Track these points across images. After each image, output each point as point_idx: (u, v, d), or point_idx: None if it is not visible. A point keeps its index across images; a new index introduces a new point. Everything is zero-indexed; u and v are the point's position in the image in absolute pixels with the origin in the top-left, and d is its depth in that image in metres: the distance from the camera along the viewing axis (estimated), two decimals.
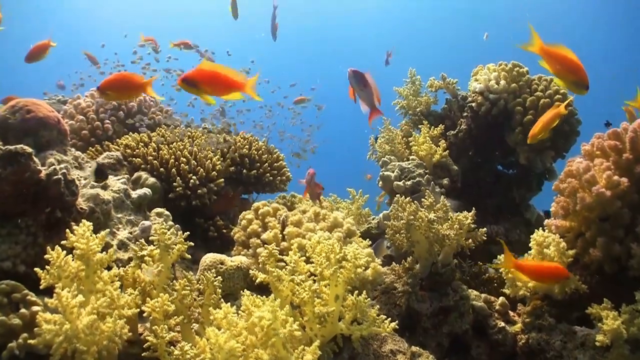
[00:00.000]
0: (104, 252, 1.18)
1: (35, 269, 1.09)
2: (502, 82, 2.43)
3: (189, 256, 1.30)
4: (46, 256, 1.08)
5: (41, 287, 1.07)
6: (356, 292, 1.22)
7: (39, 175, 1.24)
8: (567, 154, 2.47)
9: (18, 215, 1.25)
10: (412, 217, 1.85)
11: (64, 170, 1.30)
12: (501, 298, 2.05)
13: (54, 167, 1.27)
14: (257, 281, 1.22)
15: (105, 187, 1.71)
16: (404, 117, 2.94)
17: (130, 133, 2.33)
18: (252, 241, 1.58)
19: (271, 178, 2.29)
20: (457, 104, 2.77)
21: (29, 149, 1.21)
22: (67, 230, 1.13)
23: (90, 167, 1.77)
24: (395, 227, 1.90)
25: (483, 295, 2.08)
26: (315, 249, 1.32)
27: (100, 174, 1.54)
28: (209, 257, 1.44)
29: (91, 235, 1.12)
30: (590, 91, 2.64)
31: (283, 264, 1.31)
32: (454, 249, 1.90)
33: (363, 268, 1.26)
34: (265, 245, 1.26)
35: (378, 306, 1.56)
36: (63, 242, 1.12)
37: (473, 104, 2.49)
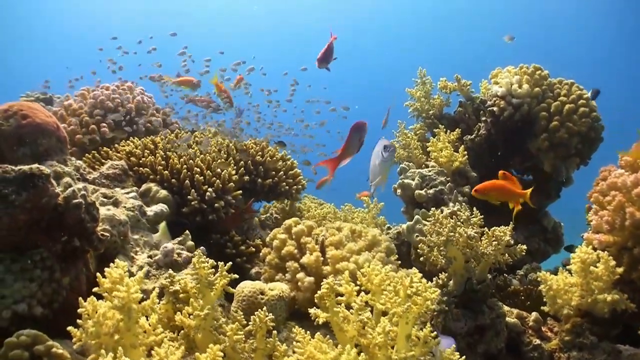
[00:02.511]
0: (138, 291, 1.00)
1: (70, 328, 0.90)
2: (525, 85, 2.34)
3: (233, 290, 1.13)
4: (80, 310, 0.90)
5: (75, 347, 0.89)
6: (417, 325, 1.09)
7: (57, 199, 1.05)
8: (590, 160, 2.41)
9: (31, 247, 1.06)
10: (451, 233, 1.73)
11: (84, 192, 1.11)
12: (534, 314, 1.97)
13: (72, 189, 1.08)
14: (320, 322, 1.06)
15: (116, 203, 1.52)
16: (417, 120, 2.82)
17: (132, 138, 2.12)
18: (289, 265, 1.42)
19: (287, 187, 2.12)
20: (471, 106, 2.66)
21: (46, 170, 1.02)
22: (99, 274, 0.95)
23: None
24: (432, 243, 1.78)
25: (515, 310, 1.99)
26: (373, 279, 1.17)
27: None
28: (247, 287, 1.28)
29: (129, 278, 0.94)
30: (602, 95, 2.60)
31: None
32: (490, 264, 1.80)
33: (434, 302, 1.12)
34: (325, 281, 1.11)
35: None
36: (95, 289, 0.94)
37: (494, 109, 2.38)
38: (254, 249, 1.84)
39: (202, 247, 1.47)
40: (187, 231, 1.58)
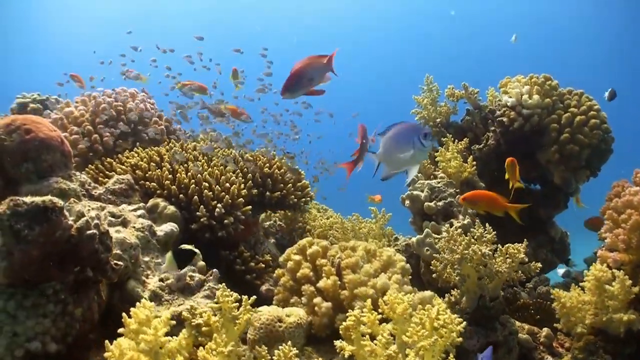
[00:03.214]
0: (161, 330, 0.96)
1: None
2: (535, 96, 2.31)
3: (257, 325, 1.09)
4: (106, 354, 0.86)
5: None
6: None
7: (70, 231, 1.00)
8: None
9: (43, 280, 1.01)
10: (465, 251, 1.70)
11: (96, 221, 1.06)
12: (546, 330, 1.95)
13: (85, 219, 1.03)
14: (345, 355, 1.03)
15: (125, 223, 1.47)
16: None
17: (136, 148, 2.06)
18: (304, 289, 1.38)
19: (295, 200, 2.08)
20: (479, 115, 2.63)
21: (59, 202, 0.97)
22: (124, 314, 0.90)
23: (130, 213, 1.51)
24: (445, 260, 1.75)
25: (526, 326, 1.97)
26: (396, 308, 1.14)
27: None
28: (264, 314, 1.24)
29: (156, 319, 0.90)
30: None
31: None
32: (504, 281, 1.78)
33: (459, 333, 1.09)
34: (351, 313, 1.07)
35: None
36: (120, 330, 0.90)
37: (504, 119, 2.35)
38: (263, 265, 1.80)
39: (215, 270, 1.43)
40: (197, 251, 1.53)
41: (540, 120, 2.30)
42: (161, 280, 1.36)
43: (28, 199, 0.92)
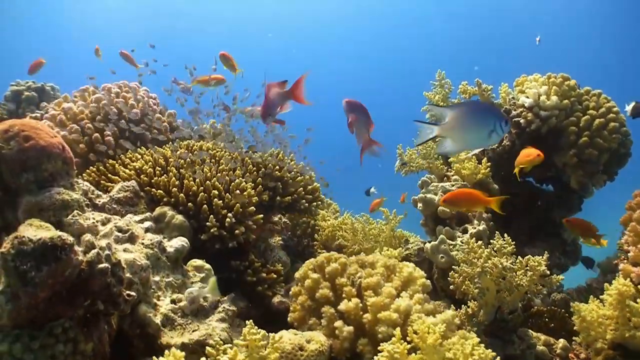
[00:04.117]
0: None
1: None
2: (554, 97, 2.22)
3: (280, 355, 1.02)
4: None
5: None
6: None
7: (81, 266, 0.92)
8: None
9: (51, 319, 0.93)
10: (486, 264, 1.64)
11: (108, 252, 0.98)
12: (562, 341, 1.91)
13: (96, 251, 0.95)
14: None
15: (132, 239, 1.39)
16: None
17: (139, 150, 1.96)
18: (324, 311, 1.31)
19: (307, 204, 2.00)
20: None
21: (69, 239, 0.88)
22: None
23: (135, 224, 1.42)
24: (465, 273, 1.69)
25: (542, 337, 1.93)
26: (426, 338, 1.08)
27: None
28: (285, 341, 1.17)
29: None
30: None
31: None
32: (523, 294, 1.72)
33: None
34: (385, 347, 1.01)
35: None
36: None
37: (521, 120, 2.27)
38: (275, 276, 1.74)
39: (232, 294, 1.36)
40: (209, 266, 1.46)
41: (558, 122, 2.22)
42: (173, 302, 1.28)
43: (34, 235, 0.84)
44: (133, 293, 1.07)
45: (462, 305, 1.77)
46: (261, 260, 1.79)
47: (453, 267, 1.74)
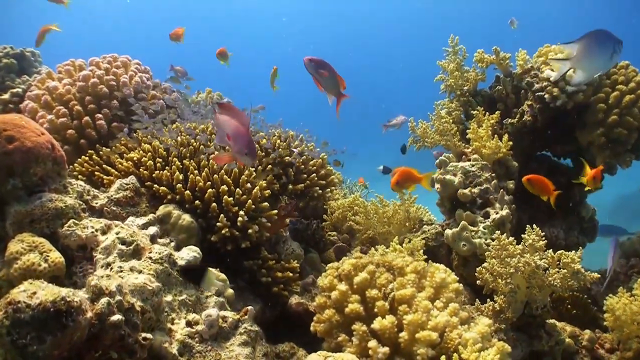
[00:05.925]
0: None
1: None
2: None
3: None
4: None
5: None
6: None
7: (91, 322, 0.78)
8: None
9: None
10: (519, 264, 1.54)
11: (119, 297, 0.84)
12: (588, 332, 1.85)
13: (106, 300, 0.81)
14: None
15: (138, 252, 1.24)
16: (447, 96, 2.52)
17: (135, 135, 1.78)
18: (355, 328, 1.20)
19: (320, 191, 1.85)
20: (510, 84, 2.38)
21: (75, 299, 0.73)
22: None
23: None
24: (496, 272, 1.59)
25: (568, 327, 1.87)
26: None
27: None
28: None
29: None
30: None
31: None
32: (553, 290, 1.63)
33: None
34: None
35: None
36: None
37: (545, 95, 2.11)
38: (290, 274, 1.61)
39: (250, 307, 1.23)
40: (224, 276, 1.33)
41: (585, 98, 2.07)
42: (189, 324, 1.16)
43: (32, 300, 0.69)
44: (149, 336, 0.93)
45: (488, 300, 1.68)
46: (273, 254, 1.67)
47: (480, 259, 1.64)
